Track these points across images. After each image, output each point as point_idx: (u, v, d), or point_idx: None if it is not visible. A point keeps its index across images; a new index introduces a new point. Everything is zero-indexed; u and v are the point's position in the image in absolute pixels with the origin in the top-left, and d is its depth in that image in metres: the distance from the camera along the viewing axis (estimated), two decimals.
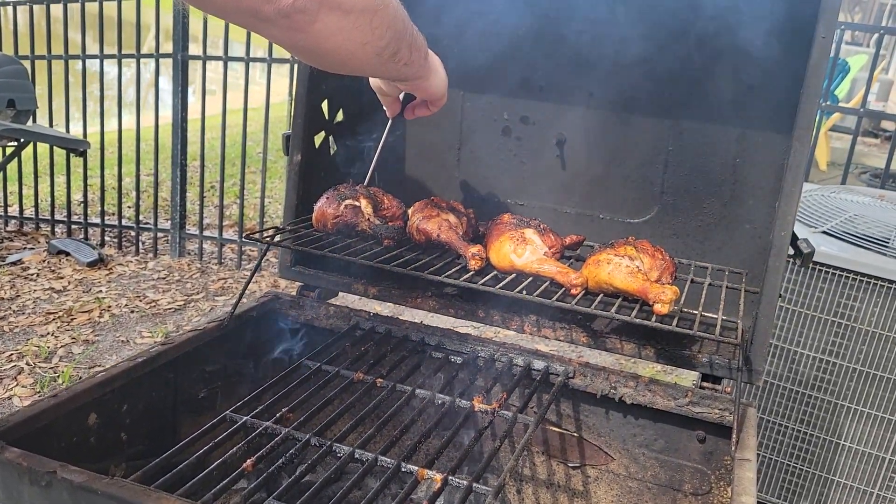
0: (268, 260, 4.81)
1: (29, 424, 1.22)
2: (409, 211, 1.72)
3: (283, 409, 1.34)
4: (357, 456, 1.24)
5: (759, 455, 2.53)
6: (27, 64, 5.07)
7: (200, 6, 0.89)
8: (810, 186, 2.98)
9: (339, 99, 1.87)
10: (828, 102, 5.93)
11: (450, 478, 1.17)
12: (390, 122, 1.54)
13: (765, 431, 2.52)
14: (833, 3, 1.36)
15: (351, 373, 1.50)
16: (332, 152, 1.90)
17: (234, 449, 1.22)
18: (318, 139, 1.83)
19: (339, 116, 1.89)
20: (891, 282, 2.25)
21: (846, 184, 4.09)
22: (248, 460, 1.19)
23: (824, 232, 2.47)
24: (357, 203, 1.66)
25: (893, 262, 2.27)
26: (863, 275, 2.27)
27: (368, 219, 1.66)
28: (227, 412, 1.32)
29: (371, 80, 1.40)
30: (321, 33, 0.93)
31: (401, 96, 1.44)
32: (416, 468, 1.19)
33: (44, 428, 1.26)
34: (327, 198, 1.68)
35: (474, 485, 1.15)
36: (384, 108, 1.48)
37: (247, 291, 1.65)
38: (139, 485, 1.07)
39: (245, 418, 1.30)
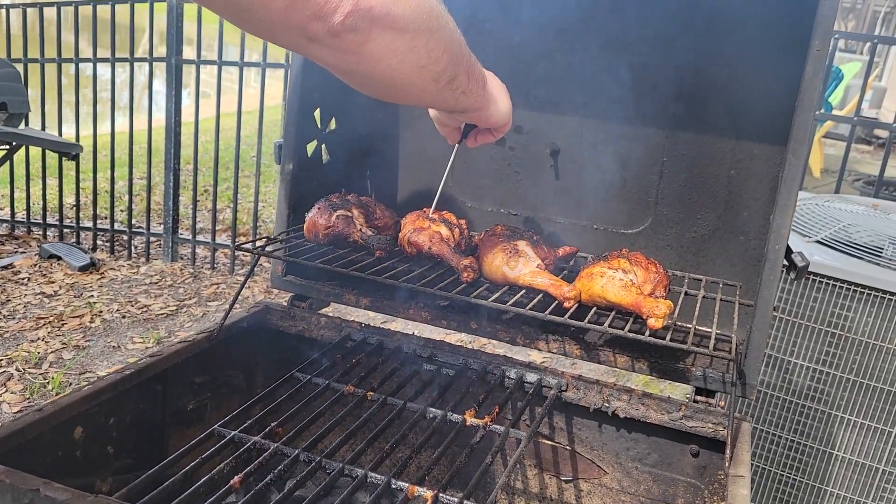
0: (261, 265, 4.78)
1: (13, 439, 1.20)
2: (401, 222, 1.70)
3: (273, 424, 1.33)
4: (347, 471, 1.22)
5: (752, 465, 2.52)
6: (20, 67, 5.04)
7: (247, 27, 0.84)
8: (804, 195, 2.98)
9: (331, 108, 1.85)
10: (821, 110, 5.94)
11: (440, 495, 1.15)
12: (456, 147, 1.45)
13: (758, 441, 2.51)
14: (828, 15, 1.35)
15: (342, 385, 1.48)
16: (324, 161, 1.89)
17: (223, 465, 1.20)
18: (311, 148, 1.81)
19: (332, 125, 1.88)
20: (885, 292, 2.24)
21: (840, 192, 4.09)
22: (237, 476, 1.17)
23: (818, 241, 2.47)
24: (349, 213, 1.65)
25: (887, 273, 2.27)
26: (857, 285, 2.27)
27: (360, 229, 1.65)
28: (216, 426, 1.30)
29: (430, 110, 1.35)
30: (374, 54, 0.88)
31: (461, 126, 1.38)
32: (407, 485, 1.18)
33: (29, 442, 1.24)
34: (319, 208, 1.67)
35: (465, 502, 1.14)
36: (444, 136, 1.41)
37: (240, 297, 1.63)
38: (124, 503, 1.05)
39: (234, 433, 1.29)
